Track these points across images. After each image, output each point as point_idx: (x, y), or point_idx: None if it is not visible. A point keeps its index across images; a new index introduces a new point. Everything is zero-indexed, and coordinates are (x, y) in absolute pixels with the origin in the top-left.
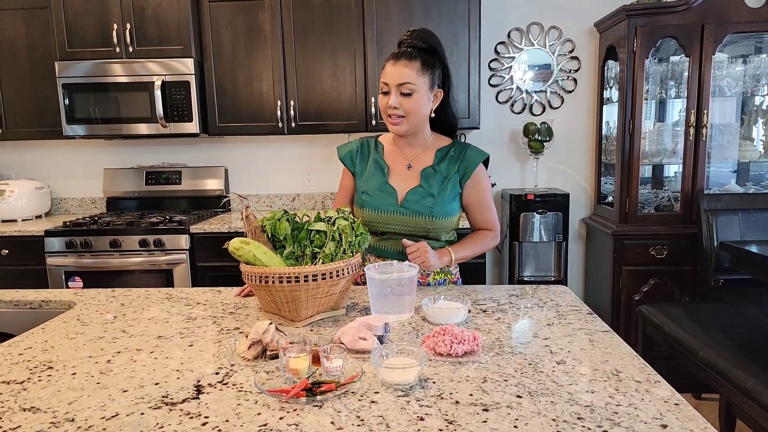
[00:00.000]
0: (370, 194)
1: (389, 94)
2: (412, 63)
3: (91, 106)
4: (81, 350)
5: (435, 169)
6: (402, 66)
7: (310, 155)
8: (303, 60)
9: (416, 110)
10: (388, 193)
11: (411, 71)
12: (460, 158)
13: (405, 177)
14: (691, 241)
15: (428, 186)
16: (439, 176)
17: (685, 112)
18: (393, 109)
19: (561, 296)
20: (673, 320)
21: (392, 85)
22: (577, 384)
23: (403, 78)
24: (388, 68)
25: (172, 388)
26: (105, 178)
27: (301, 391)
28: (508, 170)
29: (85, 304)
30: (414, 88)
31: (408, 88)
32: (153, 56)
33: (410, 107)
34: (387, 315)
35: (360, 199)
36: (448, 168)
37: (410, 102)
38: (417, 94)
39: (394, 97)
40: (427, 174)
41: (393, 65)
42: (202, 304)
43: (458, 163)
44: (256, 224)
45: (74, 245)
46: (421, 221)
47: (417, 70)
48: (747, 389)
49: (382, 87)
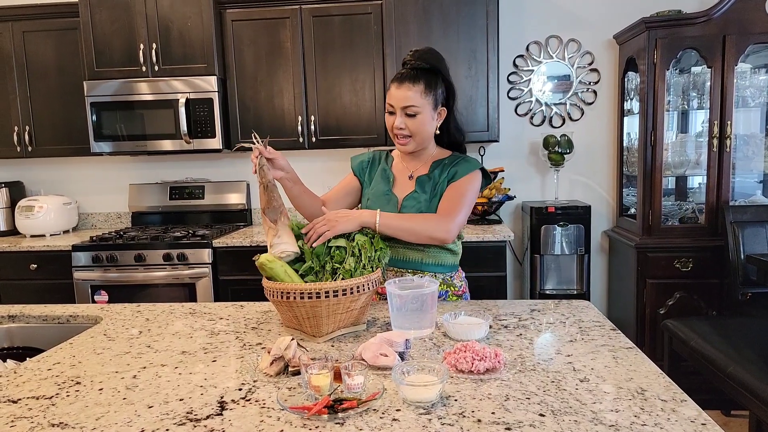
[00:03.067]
0: (373, 201)
1: (395, 114)
2: (416, 86)
3: (118, 123)
4: (108, 365)
5: (429, 177)
6: (406, 89)
7: (330, 169)
8: (323, 76)
9: (421, 130)
10: (389, 200)
11: (415, 94)
12: (452, 165)
13: (405, 185)
14: (717, 254)
15: (422, 191)
16: (432, 182)
17: (708, 123)
18: (399, 129)
19: (584, 311)
20: (699, 335)
21: (397, 107)
22: (601, 402)
23: (407, 101)
24: (393, 90)
25: (196, 404)
26: (130, 193)
27: (322, 409)
28: (528, 183)
29: (111, 319)
30: (418, 110)
31: (412, 110)
32: (178, 74)
33: (415, 127)
34: (408, 331)
35: (365, 205)
36: (441, 175)
37: (415, 122)
38: (421, 115)
39: (400, 118)
40: (421, 181)
41: (397, 88)
42: (224, 319)
43: (449, 169)
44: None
45: (100, 259)
46: None
47: (420, 92)
48: None
49: (388, 107)
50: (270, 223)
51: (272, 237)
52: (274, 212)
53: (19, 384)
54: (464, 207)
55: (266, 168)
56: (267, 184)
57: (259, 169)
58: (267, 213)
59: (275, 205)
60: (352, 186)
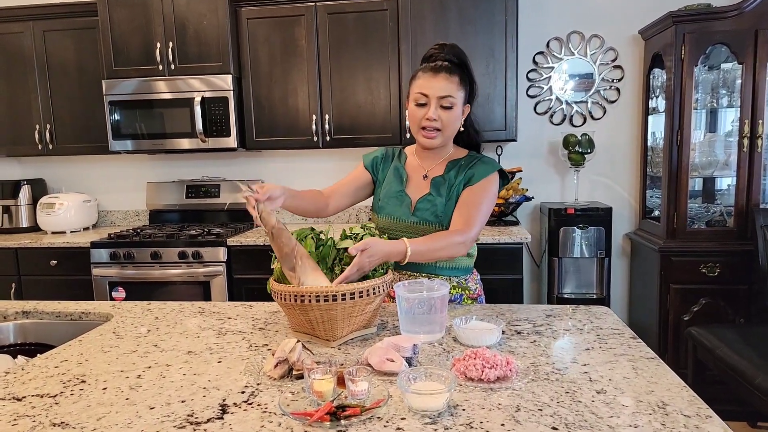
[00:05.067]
0: (386, 201)
1: (426, 106)
2: (452, 77)
3: (136, 122)
4: (114, 364)
5: (444, 178)
6: (443, 79)
7: (345, 168)
8: (338, 74)
9: (453, 124)
10: (402, 201)
11: (452, 84)
12: (468, 167)
13: (420, 186)
14: (746, 259)
15: (437, 194)
16: (447, 184)
17: (738, 122)
18: (431, 121)
19: (602, 318)
20: (726, 343)
21: (433, 97)
22: (619, 417)
23: (445, 91)
24: (426, 80)
25: (197, 407)
26: (148, 191)
27: (324, 415)
28: (547, 183)
29: (121, 317)
30: (454, 101)
31: (449, 101)
32: (194, 73)
33: (449, 121)
34: (417, 335)
35: (377, 205)
36: (456, 176)
37: (449, 115)
38: (455, 109)
39: (434, 109)
40: (437, 182)
41: (433, 77)
42: (233, 318)
43: (465, 171)
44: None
45: (118, 256)
46: (430, 229)
47: (456, 84)
48: None
49: (417, 98)
50: (289, 273)
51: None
52: (289, 259)
53: (25, 381)
54: (480, 216)
55: (266, 213)
56: (272, 231)
57: (261, 218)
58: (282, 263)
59: (287, 252)
60: (361, 180)
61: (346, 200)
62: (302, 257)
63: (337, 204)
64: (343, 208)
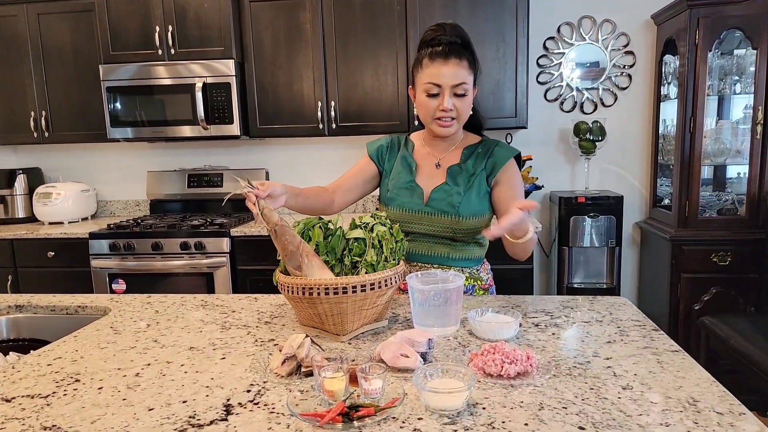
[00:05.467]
0: (395, 192)
1: (439, 96)
2: (462, 61)
3: (135, 108)
4: (110, 362)
5: (461, 167)
6: (455, 65)
7: (351, 156)
8: (344, 60)
9: (468, 111)
10: (413, 191)
11: (463, 70)
12: (488, 155)
13: (432, 175)
14: (758, 247)
15: (454, 184)
16: (465, 174)
17: (750, 109)
18: (447, 111)
19: (621, 309)
20: (739, 333)
21: (446, 86)
22: (648, 415)
23: (459, 78)
24: (437, 68)
25: (200, 408)
26: (148, 180)
27: (336, 416)
28: (557, 171)
29: (119, 311)
30: (467, 87)
31: (462, 88)
32: (194, 58)
33: (463, 108)
34: (430, 328)
35: (385, 196)
36: (475, 165)
37: (464, 103)
38: (469, 94)
39: (449, 98)
40: (453, 172)
41: (444, 64)
42: (237, 312)
43: (485, 159)
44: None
45: (117, 248)
46: (446, 221)
47: (467, 68)
48: None
49: (429, 89)
50: (295, 272)
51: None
52: (294, 258)
53: (16, 381)
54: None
55: (268, 210)
56: (275, 228)
57: (261, 216)
58: (287, 261)
59: (292, 250)
60: (367, 172)
61: (352, 195)
62: (308, 255)
63: (343, 199)
64: (349, 203)
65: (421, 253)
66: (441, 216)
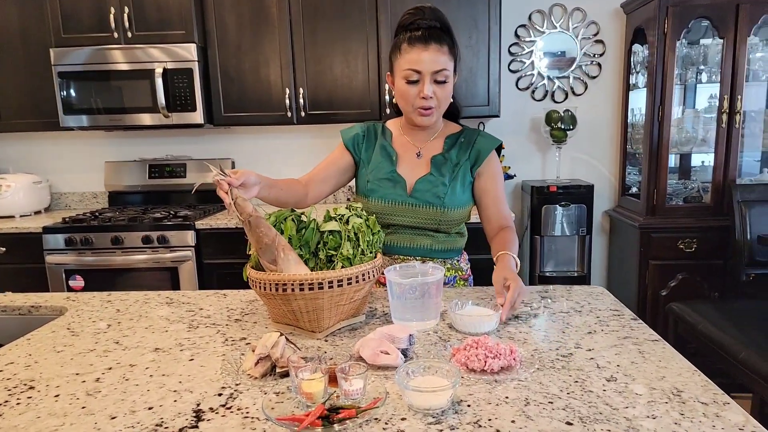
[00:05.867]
0: (375, 184)
1: (419, 83)
2: (443, 46)
3: (91, 95)
4: (68, 366)
5: (445, 157)
6: (435, 51)
7: (321, 146)
8: (312, 45)
9: (448, 98)
10: (396, 182)
11: (444, 56)
12: (471, 145)
13: (414, 165)
14: (722, 234)
15: (439, 174)
16: (450, 164)
17: (716, 99)
18: (428, 99)
19: (598, 298)
20: (707, 319)
21: (426, 72)
22: (635, 407)
23: (439, 64)
24: (417, 54)
25: (167, 414)
26: (106, 171)
27: (316, 420)
28: (529, 161)
29: (77, 311)
30: (448, 74)
31: (444, 75)
32: (153, 42)
33: (444, 96)
34: (410, 322)
35: (365, 188)
36: (459, 155)
37: (445, 90)
38: (450, 81)
39: (429, 85)
40: (437, 162)
41: (424, 49)
42: (205, 309)
43: (469, 150)
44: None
45: (74, 242)
46: (431, 212)
47: (447, 54)
48: None
49: (408, 75)
50: (269, 266)
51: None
52: (269, 251)
53: None
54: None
55: (241, 200)
56: (249, 219)
57: (234, 206)
58: (261, 254)
59: (267, 242)
60: (342, 163)
61: (327, 186)
62: (284, 249)
63: (318, 191)
64: (324, 196)
65: (403, 245)
66: (426, 207)
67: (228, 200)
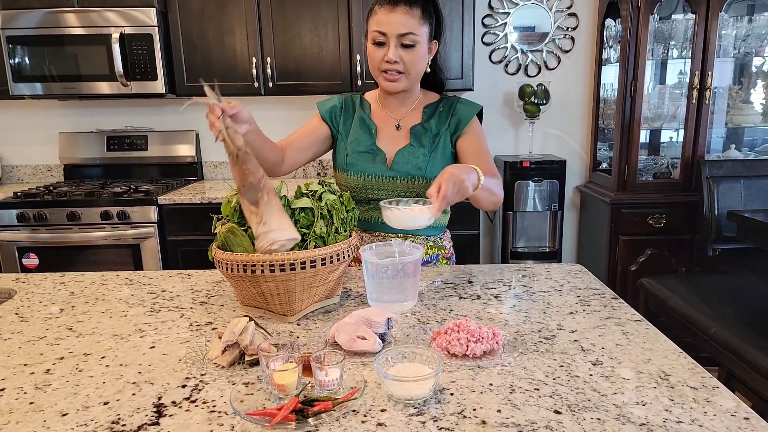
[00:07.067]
0: (355, 157)
1: (385, 46)
2: (413, 10)
3: (43, 62)
4: (15, 356)
5: (424, 127)
6: (402, 13)
7: (290, 118)
8: (280, 12)
9: (417, 65)
10: (375, 155)
11: (413, 19)
12: (450, 113)
13: (393, 138)
14: (690, 210)
15: (419, 145)
16: (429, 134)
17: (686, 75)
18: (392, 63)
19: (578, 277)
20: (677, 294)
21: (391, 35)
22: (623, 393)
23: (405, 27)
24: (384, 15)
25: (125, 410)
26: (61, 143)
27: (289, 414)
28: (502, 136)
29: (26, 293)
30: (416, 39)
31: (410, 39)
32: (109, 5)
33: (411, 61)
34: (388, 304)
35: (344, 162)
36: (438, 125)
37: (411, 55)
38: (419, 47)
39: (393, 49)
40: (416, 132)
41: (391, 11)
42: (168, 291)
43: (449, 118)
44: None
45: (27, 218)
46: (412, 185)
47: (418, 18)
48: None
49: (375, 37)
50: (250, 207)
51: (256, 225)
52: (253, 191)
53: None
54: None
55: (233, 130)
56: (237, 152)
57: (225, 134)
58: (244, 193)
59: (252, 181)
60: (319, 133)
61: (303, 155)
62: (269, 192)
63: (294, 159)
64: (299, 165)
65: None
66: (407, 180)
67: (220, 126)
